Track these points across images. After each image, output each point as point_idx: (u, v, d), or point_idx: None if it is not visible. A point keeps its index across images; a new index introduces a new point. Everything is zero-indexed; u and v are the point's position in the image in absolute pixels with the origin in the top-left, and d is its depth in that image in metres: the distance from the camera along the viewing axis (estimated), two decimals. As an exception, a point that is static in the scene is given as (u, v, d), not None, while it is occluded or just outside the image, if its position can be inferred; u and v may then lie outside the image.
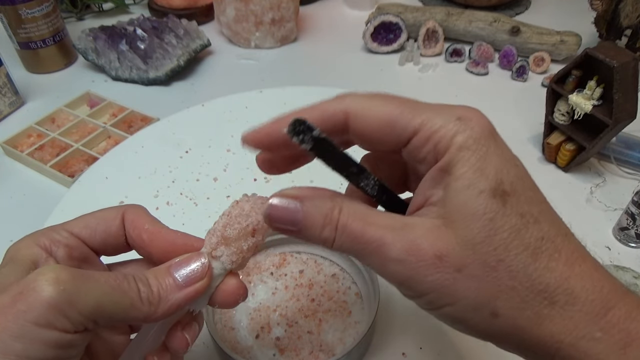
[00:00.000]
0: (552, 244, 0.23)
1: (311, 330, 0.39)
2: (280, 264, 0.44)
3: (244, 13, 0.77)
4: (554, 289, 0.22)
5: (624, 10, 0.70)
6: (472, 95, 0.70)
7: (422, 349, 0.39)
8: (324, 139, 0.24)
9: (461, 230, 0.23)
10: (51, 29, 0.72)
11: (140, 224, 0.28)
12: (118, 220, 0.28)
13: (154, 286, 0.25)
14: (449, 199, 0.23)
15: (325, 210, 0.24)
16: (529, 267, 0.22)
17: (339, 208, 0.25)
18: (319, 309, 0.40)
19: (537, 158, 0.60)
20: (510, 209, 0.23)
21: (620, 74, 0.49)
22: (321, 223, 0.24)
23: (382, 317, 0.41)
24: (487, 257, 0.22)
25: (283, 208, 0.25)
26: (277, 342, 0.38)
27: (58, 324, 0.21)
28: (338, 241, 0.24)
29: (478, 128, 0.24)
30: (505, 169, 0.23)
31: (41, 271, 0.22)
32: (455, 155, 0.23)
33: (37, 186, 0.57)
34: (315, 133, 0.23)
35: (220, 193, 0.53)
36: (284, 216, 0.25)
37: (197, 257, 0.27)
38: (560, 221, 0.24)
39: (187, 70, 0.75)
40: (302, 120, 0.23)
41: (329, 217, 0.24)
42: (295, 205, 0.25)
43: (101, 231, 0.28)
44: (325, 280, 0.42)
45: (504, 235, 0.22)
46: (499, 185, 0.23)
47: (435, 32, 0.78)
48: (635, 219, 0.47)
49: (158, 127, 0.61)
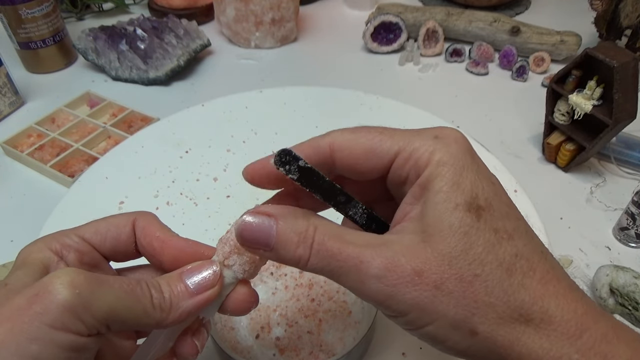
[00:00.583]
0: (527, 261, 0.23)
1: (311, 330, 0.39)
2: (280, 264, 0.44)
3: (244, 13, 0.77)
4: (529, 307, 0.22)
5: (624, 10, 0.70)
6: (472, 95, 0.70)
7: (422, 348, 0.39)
8: (309, 168, 0.24)
9: (438, 245, 0.23)
10: (51, 29, 0.72)
11: (152, 231, 0.28)
12: (129, 227, 0.28)
13: (166, 292, 0.25)
14: (426, 213, 0.23)
15: (299, 229, 0.24)
16: (504, 282, 0.22)
17: (314, 226, 0.24)
18: (319, 308, 0.40)
19: (537, 158, 0.60)
20: (484, 224, 0.23)
21: (620, 74, 0.49)
22: (295, 241, 0.24)
23: (382, 317, 0.40)
24: (463, 272, 0.22)
25: (256, 225, 0.25)
26: (277, 342, 0.38)
27: (73, 327, 0.21)
28: (313, 260, 0.24)
29: (455, 145, 0.24)
30: (481, 185, 0.24)
31: (57, 274, 0.22)
32: (434, 171, 0.24)
33: (37, 186, 0.57)
34: (301, 163, 0.24)
35: (220, 193, 0.53)
36: (257, 234, 0.25)
37: (209, 265, 0.27)
38: (536, 239, 0.24)
39: (187, 70, 0.75)
40: (287, 151, 0.24)
41: (303, 235, 0.24)
42: (269, 223, 0.24)
43: (111, 237, 0.28)
44: (325, 280, 0.42)
45: (478, 249, 0.22)
46: (474, 199, 0.23)
47: (435, 32, 0.78)
48: (635, 219, 0.48)
49: (158, 127, 0.61)
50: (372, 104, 0.64)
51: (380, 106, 0.64)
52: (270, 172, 0.26)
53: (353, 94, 0.65)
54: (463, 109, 0.67)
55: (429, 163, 0.24)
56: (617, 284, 0.43)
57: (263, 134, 0.60)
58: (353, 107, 0.64)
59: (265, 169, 0.27)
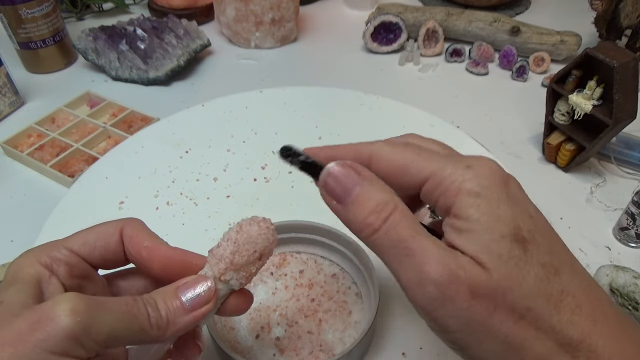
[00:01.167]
0: (573, 298, 0.23)
1: (311, 330, 0.39)
2: (280, 264, 0.44)
3: (244, 13, 0.77)
4: (576, 344, 0.22)
5: (624, 10, 0.70)
6: (472, 95, 0.70)
7: (422, 349, 0.39)
8: (310, 162, 0.26)
9: (492, 273, 0.22)
10: (51, 29, 0.72)
11: (139, 240, 0.28)
12: (116, 236, 0.28)
13: (162, 310, 0.25)
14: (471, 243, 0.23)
15: (381, 198, 0.24)
16: (553, 318, 0.22)
17: (395, 204, 0.24)
18: (319, 308, 0.40)
19: (537, 158, 0.60)
20: (531, 258, 0.22)
21: (620, 74, 0.49)
22: (371, 208, 0.24)
23: (382, 317, 0.41)
24: (515, 305, 0.22)
25: (343, 177, 0.25)
26: (277, 342, 0.38)
27: (73, 352, 0.22)
28: (381, 233, 0.24)
29: (486, 176, 0.24)
30: (520, 217, 0.23)
31: (58, 300, 0.22)
32: (465, 202, 0.23)
33: (37, 186, 0.57)
34: (302, 158, 0.26)
35: (220, 193, 0.53)
36: (341, 186, 0.25)
37: (204, 280, 0.27)
38: (581, 272, 0.24)
39: (187, 70, 0.75)
40: (288, 147, 0.26)
41: (382, 207, 0.24)
42: (356, 179, 0.24)
43: (100, 247, 0.28)
44: (325, 280, 0.42)
45: (530, 282, 0.22)
46: (517, 231, 0.22)
47: (435, 32, 0.78)
48: (635, 219, 0.48)
49: (158, 127, 0.61)
50: (372, 104, 0.64)
51: (380, 106, 0.64)
52: None
53: (353, 94, 0.65)
54: (463, 109, 0.67)
55: (458, 193, 0.23)
56: (617, 284, 0.43)
57: (263, 134, 0.60)
58: (353, 107, 0.64)
59: None
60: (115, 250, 0.28)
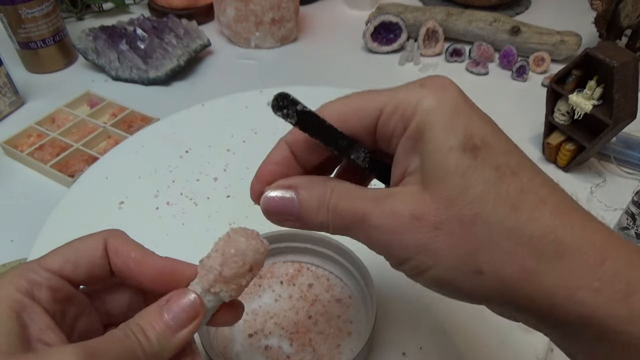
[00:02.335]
0: (535, 195, 0.22)
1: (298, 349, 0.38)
2: (294, 275, 0.43)
3: (244, 13, 0.77)
4: (538, 240, 0.21)
5: (624, 10, 0.70)
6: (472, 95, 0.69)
7: (422, 348, 0.39)
8: (308, 112, 0.24)
9: (435, 189, 0.22)
10: (51, 29, 0.72)
11: (125, 252, 0.27)
12: (100, 250, 0.27)
13: (152, 337, 0.24)
14: (423, 163, 0.23)
15: (318, 194, 0.25)
16: (509, 218, 0.21)
17: (331, 189, 0.25)
18: (312, 328, 0.39)
19: (537, 158, 0.60)
20: (483, 162, 0.22)
21: (620, 74, 0.49)
22: (316, 207, 0.25)
23: (382, 316, 0.41)
24: (463, 212, 0.22)
25: (279, 198, 0.25)
26: (264, 351, 0.37)
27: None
28: (332, 223, 0.25)
29: (442, 90, 0.24)
30: (475, 125, 0.23)
31: None
32: (423, 119, 0.23)
33: (37, 186, 0.57)
34: (299, 107, 0.24)
35: (220, 193, 0.53)
36: (281, 207, 0.25)
37: (187, 296, 0.26)
38: (544, 174, 0.23)
39: (187, 70, 0.75)
40: (285, 94, 0.23)
41: (322, 199, 0.25)
42: (291, 195, 0.25)
43: (84, 264, 0.26)
44: (329, 300, 0.41)
45: (478, 188, 0.22)
46: (468, 139, 0.22)
47: (435, 32, 0.78)
48: (636, 219, 0.47)
49: (158, 127, 0.61)
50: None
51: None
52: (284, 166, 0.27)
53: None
54: (463, 109, 0.67)
55: (415, 112, 0.23)
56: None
57: (263, 133, 0.60)
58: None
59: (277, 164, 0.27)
60: (100, 265, 0.27)
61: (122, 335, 0.24)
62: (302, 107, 0.24)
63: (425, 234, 0.22)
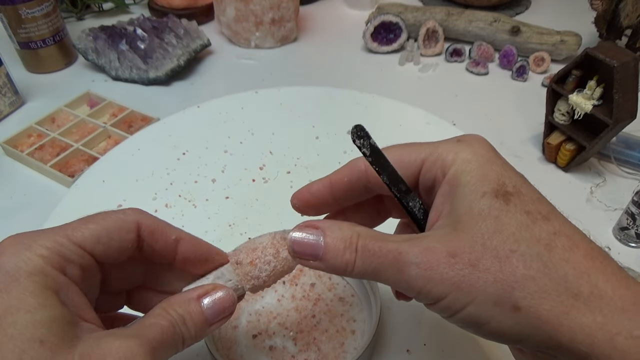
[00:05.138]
0: (568, 239, 0.23)
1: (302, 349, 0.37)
2: (296, 275, 0.43)
3: (244, 13, 0.77)
4: (573, 279, 0.21)
5: (624, 10, 0.70)
6: (472, 95, 0.70)
7: (426, 345, 0.39)
8: (379, 149, 0.26)
9: (470, 230, 0.23)
10: (51, 29, 0.72)
11: (166, 234, 0.28)
12: (133, 233, 0.27)
13: (191, 328, 0.26)
14: (456, 206, 0.24)
15: (345, 237, 0.26)
16: (544, 256, 0.22)
17: (357, 233, 0.26)
18: (318, 327, 0.39)
19: (537, 158, 0.60)
20: (515, 207, 0.23)
21: (621, 74, 0.49)
22: (342, 248, 0.26)
23: (385, 314, 0.40)
24: (498, 249, 0.22)
25: (307, 239, 0.27)
26: (269, 352, 0.37)
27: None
28: (358, 262, 0.25)
29: (478, 144, 0.26)
30: (507, 174, 0.25)
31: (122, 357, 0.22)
32: (460, 168, 0.25)
33: (37, 186, 0.57)
34: (372, 141, 0.26)
35: (219, 194, 0.53)
36: (308, 247, 0.26)
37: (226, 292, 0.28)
38: (573, 224, 0.24)
39: (187, 70, 0.75)
40: (361, 127, 0.26)
41: (349, 242, 0.26)
42: (317, 237, 0.26)
43: (116, 247, 0.26)
44: (332, 299, 0.41)
45: (511, 229, 0.23)
46: (501, 187, 0.24)
47: (435, 32, 0.78)
48: (635, 218, 0.47)
49: (154, 130, 0.61)
50: (368, 102, 0.64)
51: (377, 105, 0.64)
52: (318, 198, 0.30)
53: (348, 93, 0.65)
54: (463, 109, 0.67)
55: (454, 162, 0.25)
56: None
57: (260, 134, 0.60)
58: (349, 106, 0.64)
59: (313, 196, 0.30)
60: (130, 248, 0.27)
61: (168, 325, 0.25)
62: (374, 142, 0.26)
63: (461, 271, 0.23)
